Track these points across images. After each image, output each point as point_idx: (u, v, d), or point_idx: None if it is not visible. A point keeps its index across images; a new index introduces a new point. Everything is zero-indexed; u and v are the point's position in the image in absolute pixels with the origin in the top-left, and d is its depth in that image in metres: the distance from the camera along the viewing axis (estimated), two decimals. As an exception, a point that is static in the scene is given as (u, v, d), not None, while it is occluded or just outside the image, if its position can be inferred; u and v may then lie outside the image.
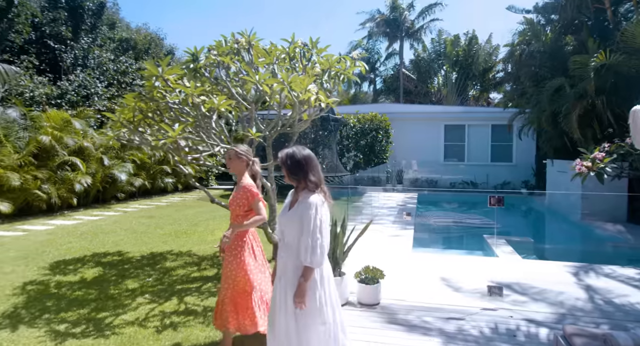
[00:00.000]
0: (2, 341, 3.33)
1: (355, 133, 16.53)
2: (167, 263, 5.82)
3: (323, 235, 2.34)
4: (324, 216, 2.36)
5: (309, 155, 2.49)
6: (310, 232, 2.32)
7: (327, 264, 2.49)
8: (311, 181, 2.42)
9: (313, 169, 2.46)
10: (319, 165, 2.52)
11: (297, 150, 2.50)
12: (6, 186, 8.36)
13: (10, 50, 11.94)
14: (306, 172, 2.43)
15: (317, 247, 2.31)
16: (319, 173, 2.47)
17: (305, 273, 2.34)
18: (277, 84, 4.22)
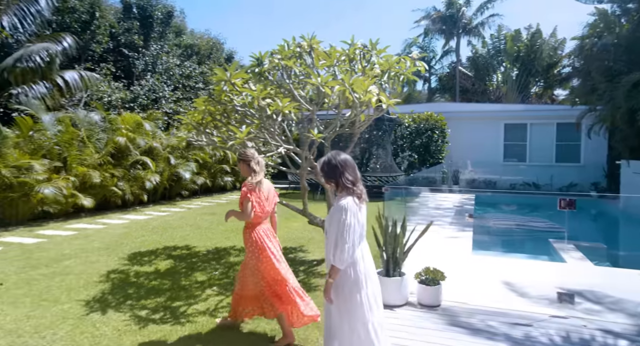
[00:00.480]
0: (95, 322, 3.71)
1: (410, 133, 16.31)
2: (230, 258, 6.12)
3: (350, 238, 2.45)
4: (352, 218, 2.47)
5: (344, 160, 2.62)
6: (335, 233, 2.47)
7: (367, 265, 2.60)
8: (346, 183, 2.54)
9: (348, 172, 2.58)
10: (355, 168, 2.63)
11: (332, 156, 2.66)
12: (88, 183, 9.17)
13: (92, 59, 13.07)
14: (341, 174, 2.56)
15: (340, 249, 2.44)
16: (354, 176, 2.58)
17: (331, 272, 2.50)
18: (339, 85, 4.32)
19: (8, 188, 7.86)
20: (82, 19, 12.29)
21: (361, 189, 2.60)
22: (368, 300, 2.55)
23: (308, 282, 5.01)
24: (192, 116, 4.93)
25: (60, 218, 9.05)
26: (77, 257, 6.01)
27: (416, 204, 13.14)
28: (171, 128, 13.48)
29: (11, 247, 6.59)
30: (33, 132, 8.38)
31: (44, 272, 5.21)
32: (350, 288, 2.52)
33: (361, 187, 2.60)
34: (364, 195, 2.61)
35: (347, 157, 2.65)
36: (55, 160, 8.70)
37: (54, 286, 4.69)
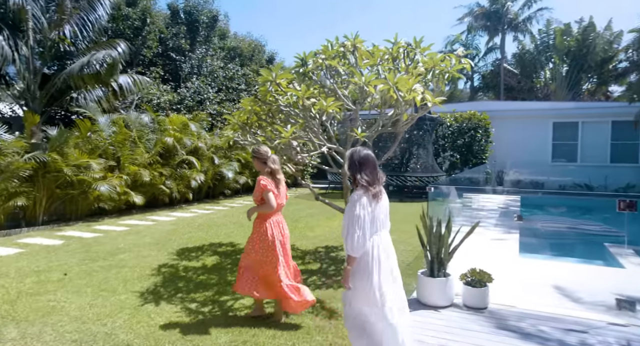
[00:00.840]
0: (150, 312, 3.91)
1: (452, 133, 15.95)
2: (274, 255, 6.24)
3: (361, 228, 2.62)
4: (362, 210, 2.64)
5: (365, 156, 2.77)
6: (347, 224, 2.65)
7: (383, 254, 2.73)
8: (361, 181, 2.70)
9: (366, 171, 2.72)
10: (375, 167, 2.77)
11: (356, 151, 2.81)
12: (139, 181, 9.64)
13: (142, 63, 13.74)
14: (359, 171, 2.72)
15: (350, 237, 2.62)
16: (373, 174, 2.73)
17: (348, 260, 2.70)
18: (383, 84, 4.32)
19: (69, 186, 8.41)
20: (134, 26, 12.95)
21: (377, 189, 2.73)
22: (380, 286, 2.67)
23: (350, 281, 5.03)
24: (238, 116, 5.09)
25: (114, 215, 9.57)
26: (130, 251, 6.35)
27: (459, 205, 12.83)
28: (215, 128, 13.90)
29: (72, 240, 7.05)
30: (91, 133, 8.91)
31: (102, 264, 5.54)
32: (361, 276, 2.69)
33: (378, 188, 2.74)
34: (380, 194, 2.75)
35: (368, 154, 2.78)
36: (109, 159, 9.22)
37: (111, 277, 4.98)
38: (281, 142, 4.14)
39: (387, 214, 2.84)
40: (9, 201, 7.41)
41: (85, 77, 8.84)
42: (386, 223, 2.84)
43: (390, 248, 2.86)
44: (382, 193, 2.80)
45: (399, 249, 6.68)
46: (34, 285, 4.69)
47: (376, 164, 2.81)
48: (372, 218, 2.70)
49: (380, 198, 2.76)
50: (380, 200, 2.76)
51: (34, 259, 5.77)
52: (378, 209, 2.73)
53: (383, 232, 2.81)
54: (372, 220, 2.70)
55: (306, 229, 8.39)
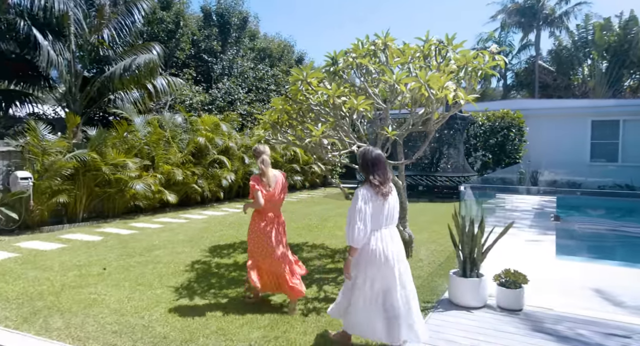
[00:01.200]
0: (185, 306, 4.03)
1: (484, 132, 15.58)
2: (303, 253, 6.29)
3: (362, 220, 2.82)
4: (364, 205, 2.84)
5: (377, 157, 2.96)
6: (350, 216, 2.86)
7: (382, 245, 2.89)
8: (375, 179, 2.88)
9: (378, 172, 2.91)
10: (385, 167, 2.96)
11: (368, 151, 3.00)
12: (172, 180, 9.92)
13: (176, 65, 14.14)
14: (372, 171, 2.91)
15: (351, 228, 2.82)
16: (384, 174, 2.92)
17: (349, 250, 2.91)
18: (415, 82, 4.28)
19: (107, 184, 8.75)
20: (168, 29, 13.36)
21: (387, 189, 2.92)
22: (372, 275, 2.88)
23: (380, 280, 5.01)
24: (269, 115, 5.16)
25: (149, 213, 9.88)
26: (165, 247, 6.54)
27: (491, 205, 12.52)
28: (245, 128, 14.13)
29: (110, 236, 7.33)
30: (127, 133, 9.24)
31: (138, 260, 5.74)
32: (365, 266, 2.89)
33: (387, 187, 2.92)
34: (389, 193, 2.94)
35: (379, 155, 2.99)
36: (144, 158, 9.53)
37: (147, 272, 5.15)
38: (312, 140, 4.17)
39: (394, 211, 3.00)
40: (52, 198, 7.78)
41: (125, 80, 9.20)
42: (393, 219, 3.00)
43: (395, 247, 2.98)
44: (392, 191, 2.97)
45: (429, 249, 6.61)
46: (76, 278, 4.91)
47: (386, 164, 3.01)
48: (377, 213, 2.89)
49: (389, 197, 2.92)
50: (388, 198, 2.91)
51: (75, 254, 6.04)
52: (384, 206, 2.91)
53: (389, 228, 2.98)
54: (377, 215, 2.89)
55: (335, 228, 8.40)
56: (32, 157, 7.78)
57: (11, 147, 7.70)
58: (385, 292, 2.91)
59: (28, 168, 7.69)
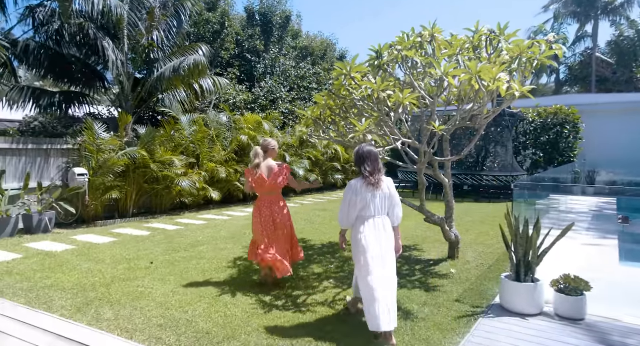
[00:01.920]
0: (227, 303, 4.04)
1: (535, 129, 14.79)
2: (345, 253, 6.18)
3: (346, 206, 3.37)
4: (352, 194, 3.33)
5: (368, 151, 3.39)
6: (342, 202, 3.42)
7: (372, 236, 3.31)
8: (366, 170, 3.32)
9: (368, 163, 3.33)
10: (376, 160, 3.36)
11: (361, 147, 3.44)
12: (216, 178, 10.12)
13: (220, 64, 14.46)
14: (363, 163, 3.35)
15: (340, 213, 3.46)
16: (374, 165, 3.33)
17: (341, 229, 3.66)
18: (465, 74, 4.06)
19: (155, 181, 9.05)
20: (214, 29, 13.68)
21: (377, 179, 3.31)
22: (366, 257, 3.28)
23: (425, 282, 4.81)
24: (312, 111, 5.09)
25: (194, 209, 10.14)
26: (208, 243, 6.65)
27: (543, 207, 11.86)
28: (287, 127, 14.20)
29: (157, 232, 7.57)
30: (174, 132, 9.52)
31: (183, 255, 5.86)
32: (355, 245, 3.39)
33: (377, 177, 3.31)
34: (379, 183, 3.32)
35: (370, 150, 3.40)
36: (190, 156, 9.78)
37: (191, 268, 5.24)
38: (356, 136, 4.05)
39: (385, 202, 3.38)
40: (105, 194, 8.14)
41: (173, 80, 9.49)
42: (384, 209, 3.38)
43: (384, 234, 3.34)
44: (382, 182, 3.34)
45: (477, 251, 6.30)
46: (126, 271, 5.07)
47: (377, 158, 3.40)
48: (368, 203, 3.32)
49: (379, 187, 3.32)
50: (379, 188, 3.32)
51: (125, 248, 6.26)
52: (376, 196, 3.33)
53: (379, 217, 3.36)
54: (366, 204, 3.32)
55: (377, 228, 8.23)
56: (88, 155, 8.18)
57: (70, 145, 8.13)
58: (371, 272, 3.24)
59: (84, 165, 8.09)
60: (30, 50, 8.88)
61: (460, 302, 4.20)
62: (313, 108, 5.15)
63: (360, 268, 3.34)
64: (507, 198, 13.79)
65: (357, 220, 3.39)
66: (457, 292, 4.50)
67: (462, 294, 4.44)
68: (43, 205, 7.33)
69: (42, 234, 7.10)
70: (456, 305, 4.13)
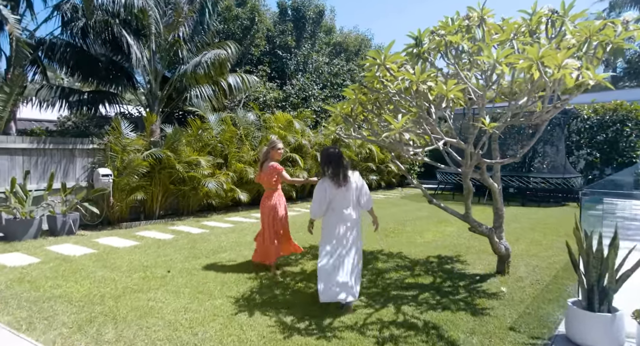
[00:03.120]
0: (243, 323, 3.56)
1: (590, 127, 13.53)
2: (378, 263, 5.59)
3: (317, 202, 3.90)
4: (320, 191, 3.87)
5: (332, 153, 3.91)
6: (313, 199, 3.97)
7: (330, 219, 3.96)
8: (328, 171, 3.86)
9: (331, 163, 3.84)
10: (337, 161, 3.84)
11: (325, 149, 4.00)
12: (245, 179, 9.76)
13: (251, 62, 14.13)
14: (327, 164, 3.88)
15: (311, 206, 3.97)
16: (334, 166, 3.83)
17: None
18: (524, 60, 3.38)
19: (181, 182, 8.79)
20: (243, 26, 13.35)
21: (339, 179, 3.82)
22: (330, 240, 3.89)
23: (472, 303, 4.15)
24: (341, 107, 4.53)
25: (221, 211, 9.83)
26: (231, 250, 6.24)
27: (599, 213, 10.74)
28: (319, 126, 13.71)
29: (181, 235, 7.25)
30: (202, 131, 9.23)
31: (203, 263, 5.46)
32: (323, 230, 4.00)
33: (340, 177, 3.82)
34: (342, 182, 3.84)
35: (334, 152, 3.92)
36: (217, 156, 9.46)
37: (209, 278, 4.82)
38: (390, 134, 3.47)
39: (353, 194, 3.91)
40: (130, 195, 7.93)
41: (197, 76, 9.19)
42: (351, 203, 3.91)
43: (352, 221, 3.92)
44: (347, 182, 3.85)
45: (530, 264, 5.50)
46: (140, 280, 4.71)
47: (340, 159, 3.86)
48: (337, 198, 3.86)
49: (343, 185, 3.83)
50: (342, 186, 3.83)
51: (144, 253, 5.95)
52: (341, 193, 3.85)
53: (348, 209, 3.90)
54: (337, 200, 3.86)
55: (414, 234, 7.57)
56: (113, 155, 8.00)
57: (95, 144, 7.97)
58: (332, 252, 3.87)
59: (109, 165, 7.90)
60: (56, 48, 8.83)
61: (515, 331, 3.53)
62: (343, 104, 4.59)
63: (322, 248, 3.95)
64: (557, 202, 12.68)
65: (326, 211, 3.95)
66: (510, 317, 3.82)
67: (517, 320, 3.76)
68: (67, 206, 7.18)
69: (65, 236, 6.94)
70: (511, 334, 3.47)
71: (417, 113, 3.86)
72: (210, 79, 9.56)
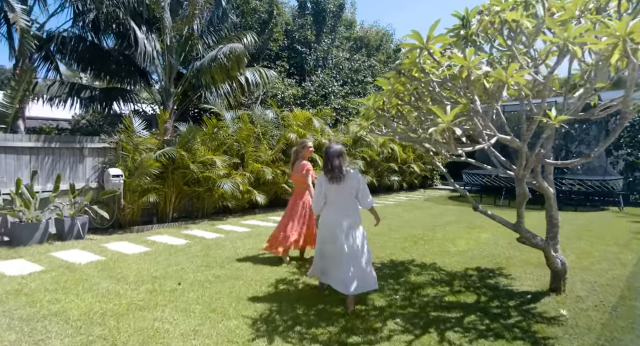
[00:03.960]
0: (259, 357, 3.02)
1: (632, 125, 12.59)
2: (411, 276, 4.99)
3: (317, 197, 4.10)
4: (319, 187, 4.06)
5: (327, 150, 4.04)
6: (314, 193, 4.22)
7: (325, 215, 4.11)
8: (325, 168, 4.01)
9: (327, 160, 3.97)
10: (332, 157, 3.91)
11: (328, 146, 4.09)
12: (262, 179, 9.26)
13: (269, 57, 13.62)
14: (324, 161, 4.02)
15: (313, 202, 4.23)
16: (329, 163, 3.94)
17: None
18: (608, 37, 2.74)
19: (196, 183, 8.33)
20: (261, 19, 12.84)
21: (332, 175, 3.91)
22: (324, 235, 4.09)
23: (529, 330, 3.51)
24: (374, 100, 3.93)
25: (238, 214, 9.34)
26: (247, 257, 5.73)
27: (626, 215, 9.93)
28: (339, 124, 13.12)
29: (195, 240, 6.77)
30: (217, 129, 8.76)
31: (218, 274, 4.95)
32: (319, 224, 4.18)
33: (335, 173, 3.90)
34: (336, 179, 3.92)
35: (327, 148, 4.02)
36: (234, 156, 8.97)
37: (224, 293, 4.30)
38: (438, 129, 2.87)
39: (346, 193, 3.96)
40: (142, 197, 7.50)
41: (213, 70, 8.70)
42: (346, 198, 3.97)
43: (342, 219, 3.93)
44: (341, 179, 3.89)
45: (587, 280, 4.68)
46: (147, 294, 4.22)
47: (334, 156, 3.90)
48: (328, 194, 3.98)
49: (338, 182, 3.90)
50: (338, 183, 3.91)
51: (155, 261, 5.48)
52: (336, 189, 3.94)
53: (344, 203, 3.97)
54: (328, 195, 3.99)
55: (446, 241, 6.93)
56: (125, 154, 7.58)
57: (106, 143, 7.57)
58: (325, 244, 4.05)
59: (120, 165, 7.49)
60: (67, 42, 8.45)
61: (590, 369, 2.89)
62: (375, 96, 4.00)
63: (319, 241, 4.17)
64: (595, 206, 11.82)
65: (324, 206, 4.07)
66: (580, 350, 3.18)
67: (590, 354, 3.12)
68: (75, 209, 6.78)
69: (73, 240, 6.54)
70: (586, 374, 2.83)
71: (467, 105, 3.25)
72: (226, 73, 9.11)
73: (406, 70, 3.50)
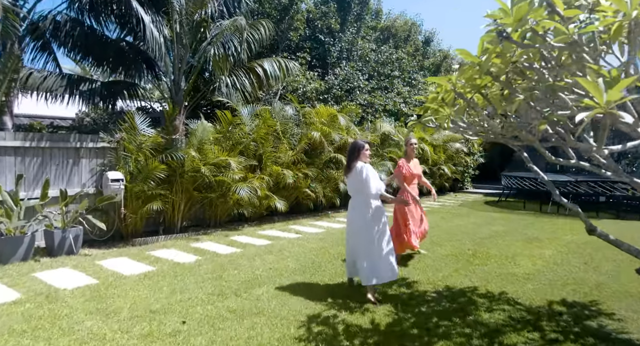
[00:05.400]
0: None
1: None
2: (481, 313, 3.85)
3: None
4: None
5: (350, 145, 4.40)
6: None
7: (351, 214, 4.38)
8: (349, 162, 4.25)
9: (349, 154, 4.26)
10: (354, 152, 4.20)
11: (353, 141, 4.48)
12: (282, 183, 8.21)
13: (289, 48, 12.54)
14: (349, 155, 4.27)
15: None
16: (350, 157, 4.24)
17: None
18: None
19: (208, 188, 7.32)
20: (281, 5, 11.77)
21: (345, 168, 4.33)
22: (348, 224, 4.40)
23: None
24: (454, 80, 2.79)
25: (254, 222, 8.31)
26: (269, 281, 4.67)
27: None
28: (365, 121, 11.99)
29: (206, 257, 5.74)
30: (232, 127, 7.74)
31: (233, 307, 3.89)
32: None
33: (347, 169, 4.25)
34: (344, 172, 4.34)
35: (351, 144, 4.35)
36: (250, 157, 7.94)
37: (240, 336, 3.25)
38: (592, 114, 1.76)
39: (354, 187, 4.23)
40: (146, 205, 6.51)
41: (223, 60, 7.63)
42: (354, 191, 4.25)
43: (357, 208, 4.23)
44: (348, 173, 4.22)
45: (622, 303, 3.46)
46: (140, 340, 3.19)
47: (348, 150, 4.33)
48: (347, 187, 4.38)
49: (347, 176, 4.27)
50: (347, 177, 4.28)
51: (156, 287, 4.45)
52: (348, 183, 4.31)
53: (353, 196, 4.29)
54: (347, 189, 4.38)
55: (505, 260, 5.76)
56: (127, 155, 6.61)
57: (106, 143, 6.60)
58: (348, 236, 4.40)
59: (121, 168, 6.52)
60: (60, 26, 7.50)
61: None
62: (452, 76, 2.86)
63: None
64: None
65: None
66: None
67: None
68: (68, 219, 5.81)
69: (64, 256, 5.56)
70: None
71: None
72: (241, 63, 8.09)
73: (511, 33, 2.36)
